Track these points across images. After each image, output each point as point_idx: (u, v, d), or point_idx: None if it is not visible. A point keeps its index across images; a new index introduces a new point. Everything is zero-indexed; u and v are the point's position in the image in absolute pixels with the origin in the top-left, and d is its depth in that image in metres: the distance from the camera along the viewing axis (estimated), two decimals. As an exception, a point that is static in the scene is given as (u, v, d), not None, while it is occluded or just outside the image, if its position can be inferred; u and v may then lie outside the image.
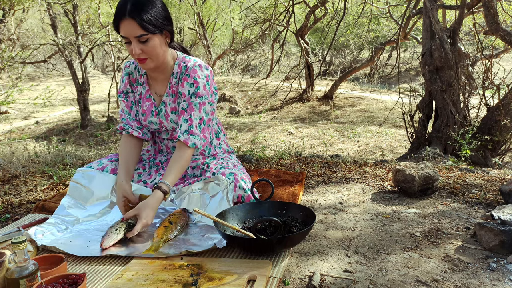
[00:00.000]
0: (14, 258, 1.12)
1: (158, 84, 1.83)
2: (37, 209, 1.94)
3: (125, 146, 1.84)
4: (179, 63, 1.78)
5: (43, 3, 9.12)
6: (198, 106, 1.72)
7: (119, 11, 1.56)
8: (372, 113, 10.97)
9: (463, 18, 4.83)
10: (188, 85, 1.72)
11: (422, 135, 4.93)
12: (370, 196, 2.11)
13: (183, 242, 1.51)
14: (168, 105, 1.81)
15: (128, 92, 1.88)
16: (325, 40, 12.55)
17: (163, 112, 1.82)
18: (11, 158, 3.28)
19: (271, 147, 7.62)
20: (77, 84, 10.71)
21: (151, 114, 1.84)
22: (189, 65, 1.74)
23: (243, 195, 1.78)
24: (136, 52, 1.58)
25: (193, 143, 1.70)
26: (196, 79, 1.72)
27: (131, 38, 1.57)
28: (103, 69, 23.00)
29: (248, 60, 19.81)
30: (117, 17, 1.57)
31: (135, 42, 1.57)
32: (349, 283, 1.27)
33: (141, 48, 1.59)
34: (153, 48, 1.61)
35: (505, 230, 1.43)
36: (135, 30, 1.55)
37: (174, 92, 1.79)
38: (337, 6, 8.44)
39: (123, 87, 1.88)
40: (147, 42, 1.58)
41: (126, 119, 1.86)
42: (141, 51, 1.59)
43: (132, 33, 1.56)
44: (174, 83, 1.78)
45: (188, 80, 1.72)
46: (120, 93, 1.90)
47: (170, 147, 1.98)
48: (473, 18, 5.37)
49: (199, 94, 1.72)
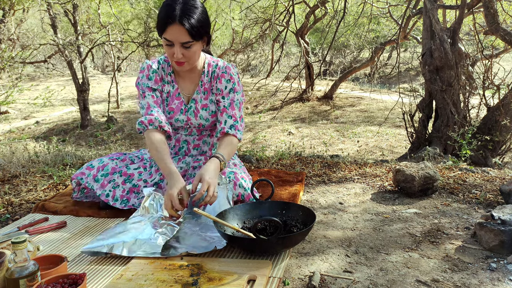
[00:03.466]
0: (14, 258, 1.12)
1: (186, 83, 1.89)
2: (37, 209, 1.94)
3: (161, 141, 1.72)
4: (209, 63, 1.87)
5: (43, 3, 9.12)
6: (238, 105, 1.84)
7: (167, 15, 1.57)
8: (372, 113, 10.97)
9: (463, 18, 4.83)
10: (226, 81, 1.84)
11: (422, 135, 4.93)
12: (370, 196, 2.11)
13: (183, 243, 1.51)
14: (199, 102, 1.87)
15: (156, 89, 1.83)
16: (325, 40, 12.55)
17: (193, 109, 1.87)
18: (11, 158, 3.28)
19: (271, 147, 7.62)
20: (77, 84, 10.71)
21: (179, 112, 1.87)
22: (220, 64, 1.86)
23: (243, 194, 1.79)
24: (178, 56, 1.64)
25: (240, 137, 1.81)
26: (232, 75, 1.84)
27: (176, 42, 1.61)
28: (103, 69, 22.99)
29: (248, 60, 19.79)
30: (165, 21, 1.58)
31: (178, 47, 1.62)
32: (349, 283, 1.27)
33: (183, 52, 1.64)
34: (194, 53, 1.68)
35: (505, 230, 1.43)
36: (183, 36, 1.59)
37: (206, 89, 1.87)
38: (337, 6, 8.44)
39: (152, 83, 1.82)
40: (190, 48, 1.64)
41: (157, 113, 1.77)
42: (182, 55, 1.64)
43: (179, 39, 1.60)
44: (206, 81, 1.86)
45: (225, 76, 1.84)
46: (144, 89, 1.81)
47: (181, 140, 1.96)
48: (473, 18, 5.37)
49: (236, 89, 1.84)
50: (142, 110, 1.81)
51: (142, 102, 1.81)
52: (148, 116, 1.75)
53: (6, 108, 12.61)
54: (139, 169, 1.93)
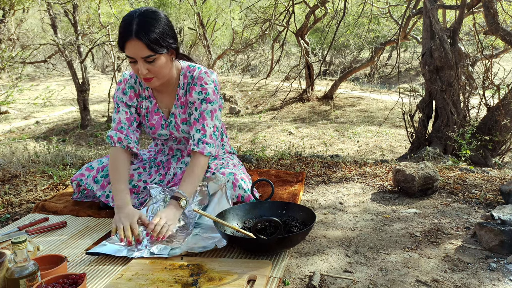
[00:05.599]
0: (14, 258, 1.12)
1: (165, 97, 1.81)
2: (37, 209, 1.94)
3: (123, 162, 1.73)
4: (184, 73, 1.77)
5: (43, 3, 9.12)
6: (210, 114, 1.74)
7: (124, 30, 1.52)
8: (372, 113, 10.97)
9: (463, 18, 4.83)
10: (197, 93, 1.73)
11: (422, 135, 4.94)
12: (370, 196, 2.11)
13: (183, 242, 1.51)
14: (178, 116, 1.81)
15: (131, 106, 1.80)
16: (325, 40, 12.55)
17: (173, 123, 1.82)
18: (11, 158, 3.28)
19: (271, 147, 7.62)
20: (77, 84, 10.71)
21: (161, 127, 1.83)
22: (195, 74, 1.74)
23: (243, 195, 1.78)
24: (142, 72, 1.56)
25: (208, 151, 1.72)
26: (204, 86, 1.73)
27: (138, 58, 1.54)
28: (103, 69, 22.98)
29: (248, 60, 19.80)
30: (123, 37, 1.52)
31: (141, 62, 1.55)
32: (349, 283, 1.27)
33: (147, 68, 1.57)
34: (160, 67, 1.59)
35: (505, 230, 1.43)
36: (141, 51, 1.52)
37: (182, 103, 1.79)
38: (337, 6, 8.44)
39: (127, 99, 1.79)
40: (153, 62, 1.56)
41: (127, 131, 1.77)
42: (147, 70, 1.57)
43: (138, 54, 1.53)
44: (182, 94, 1.78)
45: (196, 89, 1.73)
46: (119, 103, 1.79)
47: (174, 149, 1.99)
48: (473, 18, 5.37)
49: (209, 99, 1.73)
50: (113, 123, 1.79)
51: (114, 116, 1.79)
52: (118, 133, 1.75)
53: (6, 108, 12.60)
54: (138, 169, 1.93)
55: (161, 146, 2.02)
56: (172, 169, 1.95)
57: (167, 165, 1.98)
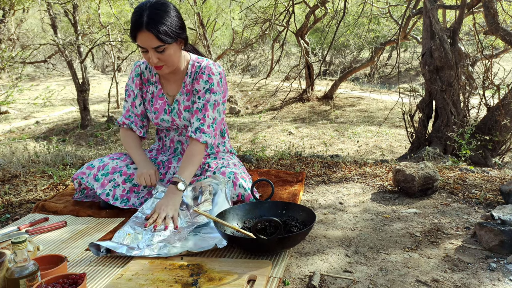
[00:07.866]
0: (14, 258, 1.12)
1: (171, 84, 1.89)
2: (37, 209, 1.94)
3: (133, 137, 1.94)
4: (193, 63, 1.86)
5: (43, 3, 9.12)
6: (212, 107, 1.81)
7: (135, 23, 1.61)
8: (372, 113, 10.97)
9: (463, 18, 4.83)
10: (203, 82, 1.81)
11: (422, 135, 4.94)
12: (370, 196, 2.11)
13: (183, 242, 1.51)
14: (182, 103, 1.87)
15: (137, 94, 1.93)
16: (325, 40, 12.56)
17: (176, 110, 1.88)
18: (11, 158, 3.28)
19: (271, 147, 7.62)
20: (77, 84, 10.71)
21: (163, 112, 1.90)
22: (203, 64, 1.84)
23: (243, 194, 1.79)
24: (153, 61, 1.66)
25: (204, 140, 1.78)
26: (211, 76, 1.81)
27: (148, 48, 1.63)
28: (103, 69, 22.99)
29: (248, 60, 19.80)
30: (134, 29, 1.62)
31: (152, 52, 1.64)
32: (349, 283, 1.27)
33: (158, 57, 1.66)
34: (169, 56, 1.68)
35: (505, 230, 1.43)
36: (152, 41, 1.61)
37: (188, 91, 1.86)
38: (337, 6, 8.44)
39: (133, 87, 1.93)
40: (163, 52, 1.65)
41: (134, 118, 1.94)
42: (158, 59, 1.67)
43: (149, 45, 1.62)
44: (189, 82, 1.86)
45: (203, 77, 1.81)
46: (129, 91, 1.95)
47: (175, 141, 2.03)
48: (473, 18, 5.37)
49: (213, 90, 1.80)
50: (123, 110, 1.97)
51: (125, 104, 1.97)
52: (126, 119, 1.95)
53: (6, 108, 12.61)
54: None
55: (164, 138, 2.07)
56: (173, 168, 1.96)
57: (168, 164, 1.99)
